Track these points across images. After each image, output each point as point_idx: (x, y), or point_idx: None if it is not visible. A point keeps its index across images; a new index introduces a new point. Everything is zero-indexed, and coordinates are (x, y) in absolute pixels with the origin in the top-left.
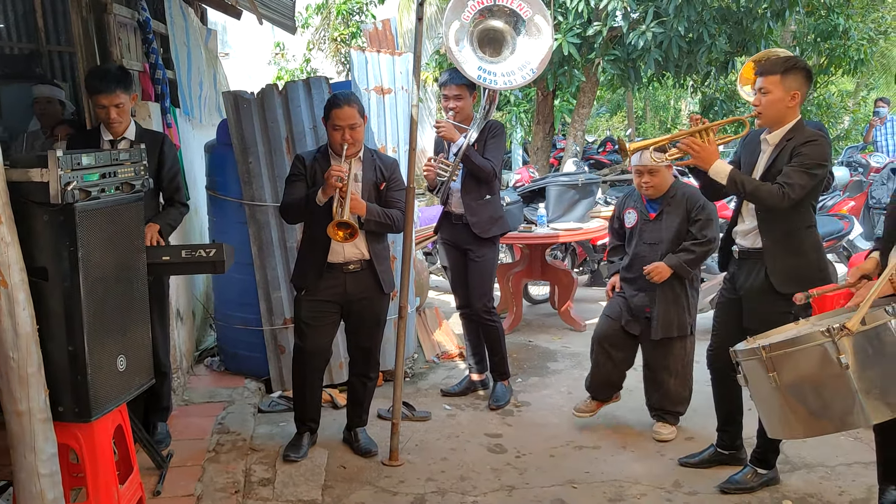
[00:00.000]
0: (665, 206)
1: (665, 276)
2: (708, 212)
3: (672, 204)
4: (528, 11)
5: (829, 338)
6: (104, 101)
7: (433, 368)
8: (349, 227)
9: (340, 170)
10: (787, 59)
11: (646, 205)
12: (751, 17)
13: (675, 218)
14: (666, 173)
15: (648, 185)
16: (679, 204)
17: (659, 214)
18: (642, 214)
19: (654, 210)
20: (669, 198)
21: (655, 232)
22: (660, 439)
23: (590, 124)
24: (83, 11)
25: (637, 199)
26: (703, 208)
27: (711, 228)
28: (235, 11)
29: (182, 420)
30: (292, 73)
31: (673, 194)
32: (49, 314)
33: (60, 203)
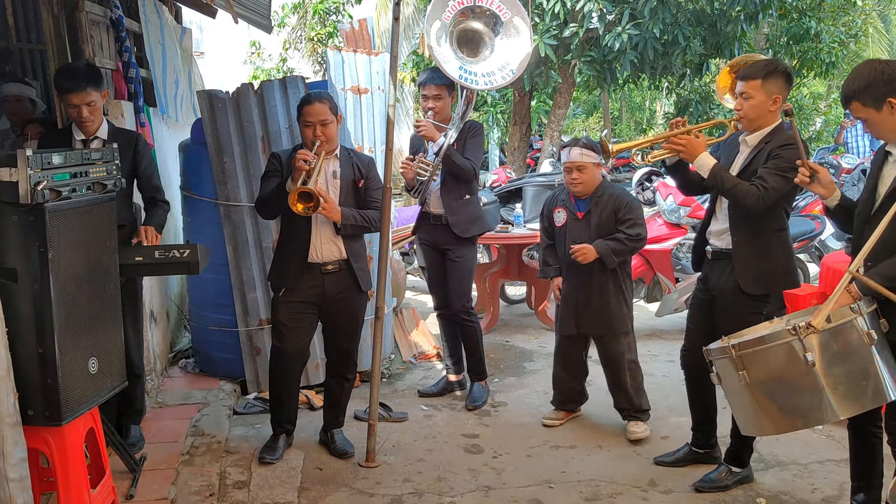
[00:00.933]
0: (593, 205)
1: (590, 258)
2: (636, 212)
3: (599, 203)
4: (507, 13)
5: (796, 336)
6: (75, 100)
7: (410, 369)
8: (311, 199)
9: (307, 154)
10: (767, 64)
11: (574, 204)
12: (725, 20)
13: (603, 217)
14: (594, 171)
15: (577, 181)
16: (607, 204)
17: (587, 214)
18: (571, 213)
19: (582, 209)
20: (597, 197)
21: (583, 230)
22: (633, 438)
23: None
24: (54, 9)
25: (566, 198)
26: (630, 208)
27: (641, 227)
28: (210, 10)
29: (156, 423)
30: (268, 73)
31: (601, 194)
32: (18, 316)
33: (30, 203)
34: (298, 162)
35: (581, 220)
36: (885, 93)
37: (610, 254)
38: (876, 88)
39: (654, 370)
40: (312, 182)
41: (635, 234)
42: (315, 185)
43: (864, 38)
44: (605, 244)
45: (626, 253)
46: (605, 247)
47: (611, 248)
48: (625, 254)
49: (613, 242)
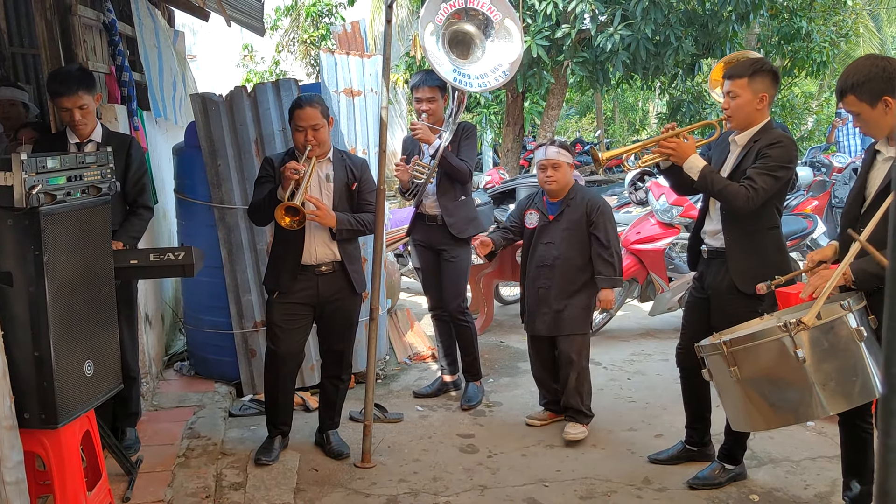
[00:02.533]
0: (565, 207)
1: (613, 298)
2: (606, 215)
3: (571, 205)
4: (498, 14)
5: (787, 332)
6: (66, 104)
7: (405, 370)
8: (297, 213)
9: (296, 165)
10: (753, 63)
11: (547, 207)
12: (716, 20)
13: (573, 220)
14: (568, 171)
15: (552, 179)
16: (578, 207)
17: (558, 216)
18: (543, 216)
19: (553, 212)
20: (569, 199)
21: (553, 233)
22: (570, 439)
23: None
24: (47, 13)
25: (539, 201)
26: (601, 212)
27: (612, 231)
28: (203, 13)
29: (152, 425)
30: (261, 76)
31: (573, 196)
32: (14, 320)
33: (25, 207)
34: (287, 172)
35: (552, 222)
36: (882, 90)
37: (616, 280)
38: (874, 84)
39: (647, 369)
40: (301, 192)
41: (607, 241)
42: (304, 195)
43: (854, 38)
44: (607, 279)
45: (618, 267)
46: (610, 280)
47: (613, 276)
48: (618, 268)
49: (606, 271)
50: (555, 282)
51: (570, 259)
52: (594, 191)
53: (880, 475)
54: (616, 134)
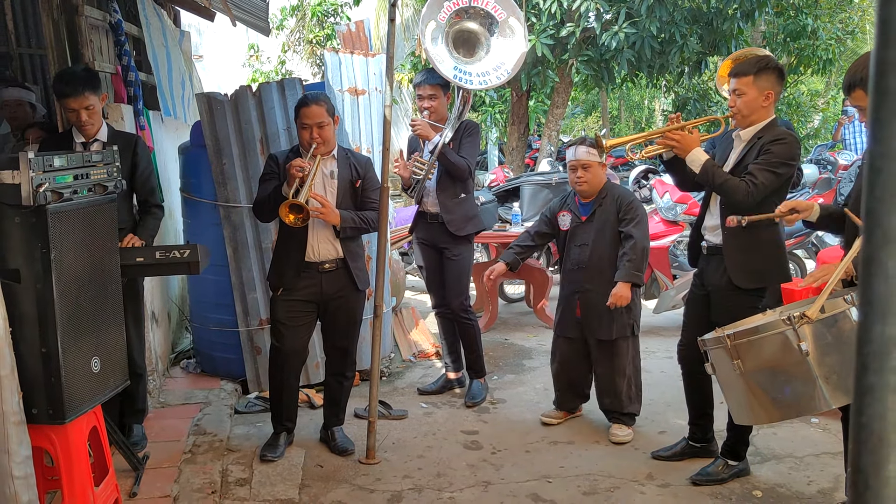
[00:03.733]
0: (597, 206)
1: (628, 297)
2: (637, 210)
3: (604, 205)
4: (503, 13)
5: (790, 326)
6: (72, 105)
7: (410, 367)
8: (301, 211)
9: (301, 162)
10: (759, 60)
11: (579, 207)
12: (721, 18)
13: (605, 220)
14: (599, 171)
15: (582, 180)
16: (610, 206)
17: (591, 216)
18: (575, 217)
19: (586, 213)
20: (601, 199)
21: (586, 234)
22: (616, 441)
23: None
24: (54, 14)
25: (571, 202)
26: (632, 207)
27: (641, 225)
28: (209, 13)
29: (158, 422)
30: (267, 75)
31: (605, 195)
32: (22, 316)
33: (32, 205)
34: (293, 170)
35: (584, 223)
36: None
37: (636, 274)
38: None
39: (651, 367)
40: (305, 190)
41: (639, 234)
42: (308, 192)
43: (861, 35)
44: (625, 271)
45: (643, 261)
46: (626, 274)
47: (633, 269)
48: (643, 262)
49: (630, 264)
50: (594, 285)
51: (605, 260)
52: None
53: (853, 453)
54: (622, 132)
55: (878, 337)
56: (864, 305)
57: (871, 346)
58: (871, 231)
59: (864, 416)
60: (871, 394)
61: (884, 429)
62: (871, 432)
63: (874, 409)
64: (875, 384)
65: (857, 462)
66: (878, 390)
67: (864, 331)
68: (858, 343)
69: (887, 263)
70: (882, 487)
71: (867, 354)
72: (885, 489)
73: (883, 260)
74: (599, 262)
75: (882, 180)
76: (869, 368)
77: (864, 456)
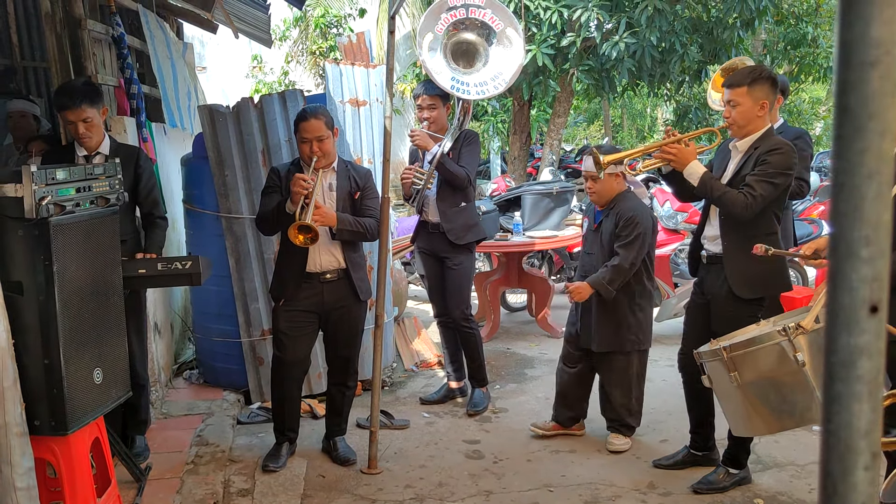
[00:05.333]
0: (605, 216)
1: (585, 295)
2: (630, 228)
3: (609, 216)
4: (500, 24)
5: (786, 336)
6: (70, 117)
7: (412, 377)
8: (310, 231)
9: (305, 178)
10: (752, 70)
11: (595, 214)
12: (721, 27)
13: (608, 231)
14: (608, 181)
15: (591, 190)
16: (613, 218)
17: (600, 225)
18: (589, 224)
19: (597, 221)
20: (610, 210)
21: (594, 243)
22: (612, 450)
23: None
24: (57, 27)
25: (591, 206)
26: (627, 224)
27: (630, 246)
28: (211, 26)
29: (161, 433)
30: (270, 86)
31: (612, 206)
32: (25, 328)
33: (35, 218)
34: (296, 186)
35: (594, 231)
36: None
37: (604, 285)
38: None
39: (653, 375)
40: (311, 209)
41: (619, 261)
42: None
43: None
44: (598, 277)
45: (621, 279)
46: (598, 279)
47: (604, 279)
48: (621, 280)
49: (605, 272)
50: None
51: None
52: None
53: (823, 458)
54: (624, 141)
55: (843, 347)
56: (830, 316)
57: (838, 356)
58: (835, 244)
59: (831, 424)
60: (838, 402)
61: (850, 436)
62: (839, 439)
63: (841, 417)
64: (842, 393)
65: (825, 468)
66: (844, 399)
67: (831, 341)
68: (826, 353)
69: (851, 276)
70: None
71: (834, 364)
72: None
73: (847, 272)
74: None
75: (844, 195)
76: (836, 378)
77: (833, 463)
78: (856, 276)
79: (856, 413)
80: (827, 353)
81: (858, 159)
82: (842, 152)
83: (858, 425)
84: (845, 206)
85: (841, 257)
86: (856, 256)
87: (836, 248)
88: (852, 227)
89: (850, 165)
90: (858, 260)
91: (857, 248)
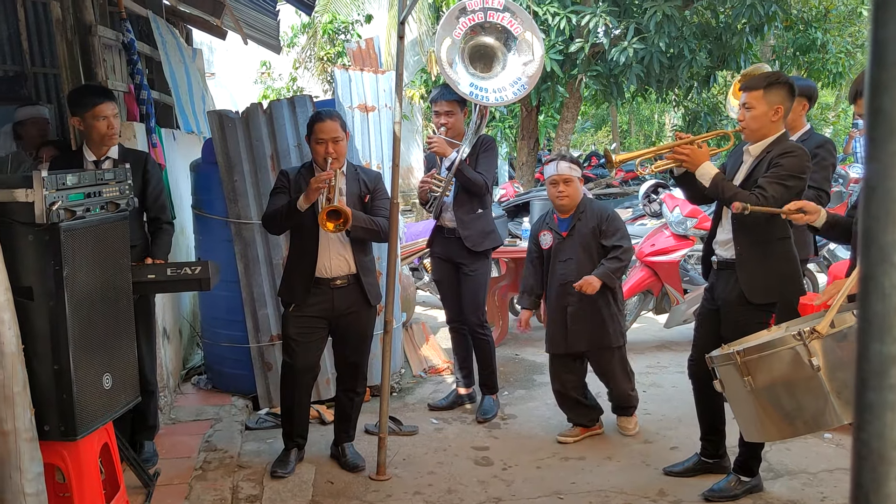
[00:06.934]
0: (576, 221)
1: (597, 287)
2: (618, 223)
3: (582, 219)
4: (519, 28)
5: (801, 341)
6: (107, 111)
7: (420, 383)
8: (340, 215)
9: (328, 173)
10: (769, 75)
11: (558, 224)
12: (730, 33)
13: (586, 233)
14: (578, 185)
15: (563, 194)
16: (589, 219)
17: (571, 231)
18: (556, 234)
19: (565, 228)
20: (580, 213)
21: (569, 249)
22: (629, 433)
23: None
24: (68, 34)
25: (550, 220)
26: (612, 220)
27: (627, 237)
28: (220, 32)
29: (169, 438)
30: (278, 92)
31: (583, 210)
32: (34, 333)
33: (46, 223)
34: (318, 183)
35: (566, 239)
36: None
37: (611, 276)
38: None
39: (663, 381)
40: (336, 195)
41: (627, 246)
42: (339, 199)
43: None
44: (604, 269)
45: (623, 268)
46: (604, 271)
47: (610, 269)
48: (623, 269)
49: (610, 263)
50: (584, 296)
51: (588, 272)
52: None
53: (854, 469)
54: (632, 147)
55: (876, 355)
56: (862, 324)
57: (870, 364)
58: (867, 249)
59: (863, 433)
60: (870, 411)
61: (883, 446)
62: (871, 450)
63: (874, 426)
64: (874, 402)
65: (857, 479)
66: (876, 408)
67: (863, 349)
68: (857, 361)
69: (883, 282)
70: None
71: (866, 372)
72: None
73: (879, 278)
74: (583, 274)
75: (877, 198)
76: (868, 386)
77: (865, 473)
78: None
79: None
80: (859, 360)
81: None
82: (875, 154)
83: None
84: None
85: (873, 262)
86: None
87: (868, 253)
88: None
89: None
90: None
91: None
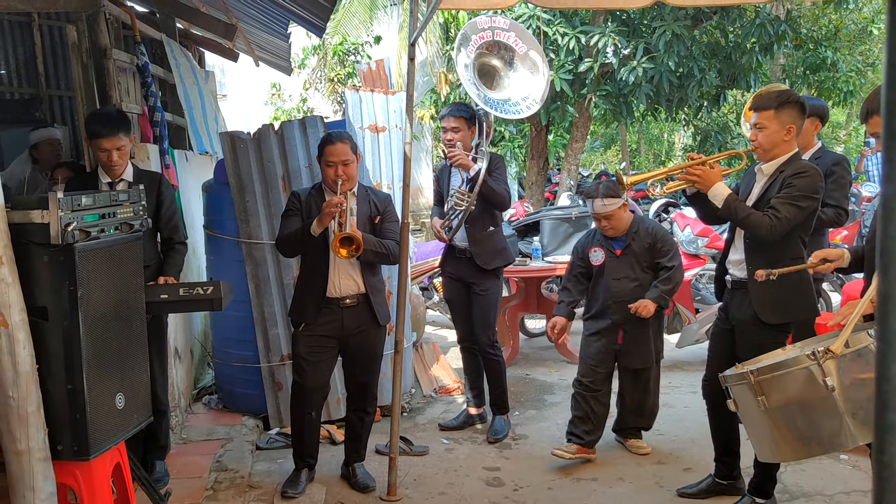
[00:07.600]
0: (630, 240)
1: (652, 311)
2: (671, 242)
3: (636, 239)
4: (524, 47)
5: (815, 361)
6: (106, 145)
7: (431, 403)
8: (352, 241)
9: (338, 199)
10: (780, 94)
11: (611, 242)
12: (739, 52)
13: (640, 252)
14: (621, 214)
15: (608, 228)
16: (643, 238)
17: (625, 250)
18: (609, 252)
19: (619, 247)
20: (633, 233)
21: (623, 267)
22: (643, 452)
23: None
24: (83, 57)
25: (601, 237)
26: (666, 239)
27: (678, 256)
28: (232, 54)
29: (180, 458)
30: (289, 113)
31: (636, 229)
32: (49, 353)
33: (61, 243)
34: (330, 208)
35: (620, 257)
36: None
37: (664, 297)
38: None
39: (675, 402)
40: (348, 221)
41: (677, 264)
42: (352, 225)
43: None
44: (658, 291)
45: (675, 289)
46: (659, 293)
47: (664, 291)
48: (674, 290)
49: (663, 284)
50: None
51: (642, 291)
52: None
53: (876, 492)
54: (642, 166)
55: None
56: (881, 344)
57: (890, 384)
58: (886, 269)
59: (885, 455)
60: (891, 432)
61: None
62: (893, 472)
63: (895, 448)
64: (895, 422)
65: (879, 501)
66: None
67: (883, 369)
68: (877, 381)
69: None
70: None
71: (886, 392)
72: None
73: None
74: (638, 292)
75: (895, 219)
76: (888, 406)
77: (887, 495)
78: None
79: None
80: (878, 381)
81: None
82: (892, 176)
83: None
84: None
85: (892, 282)
86: None
87: (888, 273)
88: None
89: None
90: None
91: None
